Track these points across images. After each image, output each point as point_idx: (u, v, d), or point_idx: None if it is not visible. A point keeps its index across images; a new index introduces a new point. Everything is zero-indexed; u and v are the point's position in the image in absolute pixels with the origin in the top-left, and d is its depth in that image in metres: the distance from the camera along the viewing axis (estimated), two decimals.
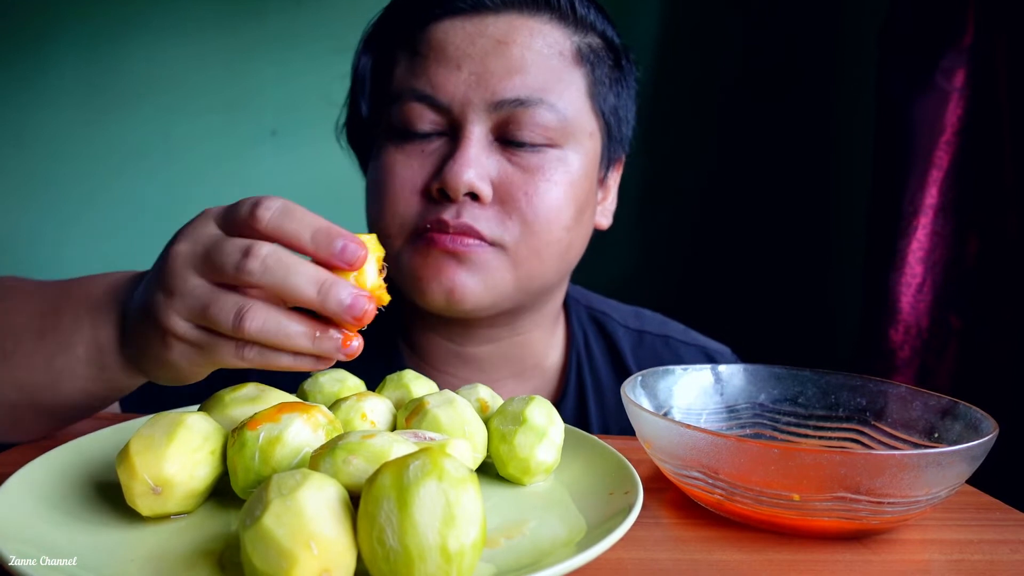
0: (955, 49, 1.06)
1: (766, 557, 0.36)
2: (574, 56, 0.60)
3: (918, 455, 0.35)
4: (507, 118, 0.57)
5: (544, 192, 0.58)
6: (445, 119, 0.58)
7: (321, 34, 1.60)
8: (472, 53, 0.57)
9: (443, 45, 0.58)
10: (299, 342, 0.36)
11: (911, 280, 1.11)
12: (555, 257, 0.60)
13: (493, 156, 0.58)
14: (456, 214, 0.56)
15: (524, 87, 0.57)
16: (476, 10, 0.58)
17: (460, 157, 0.56)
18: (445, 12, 0.59)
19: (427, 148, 0.59)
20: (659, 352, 0.74)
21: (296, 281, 0.35)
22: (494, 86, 0.57)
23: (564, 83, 0.59)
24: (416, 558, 0.26)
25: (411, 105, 0.58)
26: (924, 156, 1.09)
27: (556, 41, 0.59)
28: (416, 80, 0.58)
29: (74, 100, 1.58)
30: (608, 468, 0.41)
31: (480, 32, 0.58)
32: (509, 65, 0.57)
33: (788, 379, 0.51)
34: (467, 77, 0.57)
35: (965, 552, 0.37)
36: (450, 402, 0.41)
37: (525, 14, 0.59)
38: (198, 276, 0.36)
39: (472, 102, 0.57)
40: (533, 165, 0.58)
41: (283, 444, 0.33)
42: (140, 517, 0.34)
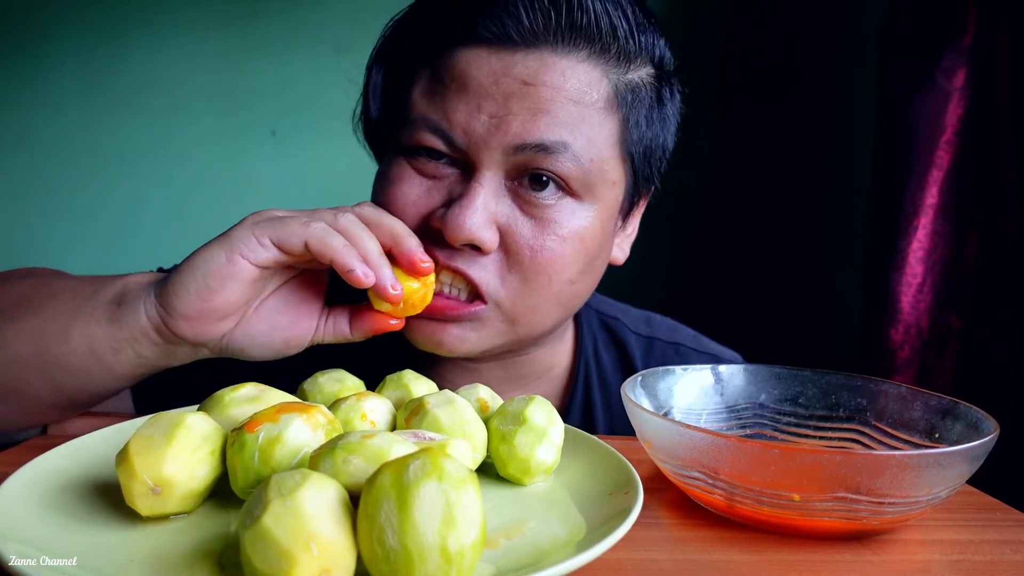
0: (955, 49, 1.06)
1: (766, 557, 0.36)
2: (608, 99, 0.54)
3: (918, 455, 0.35)
4: (525, 163, 0.52)
5: (551, 248, 0.53)
6: (459, 155, 0.54)
7: (321, 34, 1.60)
8: (495, 94, 0.52)
9: (465, 79, 0.52)
10: (369, 245, 0.47)
11: (911, 280, 1.11)
12: (555, 308, 0.57)
13: (504, 200, 0.53)
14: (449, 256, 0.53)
15: (548, 132, 0.52)
16: (503, 43, 0.52)
17: (467, 205, 0.51)
18: (470, 39, 0.53)
19: (439, 172, 0.55)
20: (670, 359, 0.72)
21: (385, 223, 0.49)
22: (515, 130, 0.51)
23: (593, 130, 0.53)
24: (416, 558, 0.26)
25: (424, 135, 0.54)
26: (924, 156, 1.09)
27: (591, 83, 0.53)
28: (433, 111, 0.54)
29: (74, 101, 1.58)
30: (608, 468, 0.41)
31: (506, 70, 0.52)
32: (534, 107, 0.51)
33: (788, 379, 0.51)
34: (486, 120, 0.52)
35: (965, 552, 0.37)
36: (450, 402, 0.41)
37: (559, 50, 0.52)
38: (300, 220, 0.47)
39: (489, 146, 0.52)
40: (545, 217, 0.53)
41: (283, 444, 0.33)
42: (140, 517, 0.34)
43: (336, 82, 1.66)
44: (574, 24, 0.52)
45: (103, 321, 0.47)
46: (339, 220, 0.47)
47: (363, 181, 0.79)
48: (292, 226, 0.45)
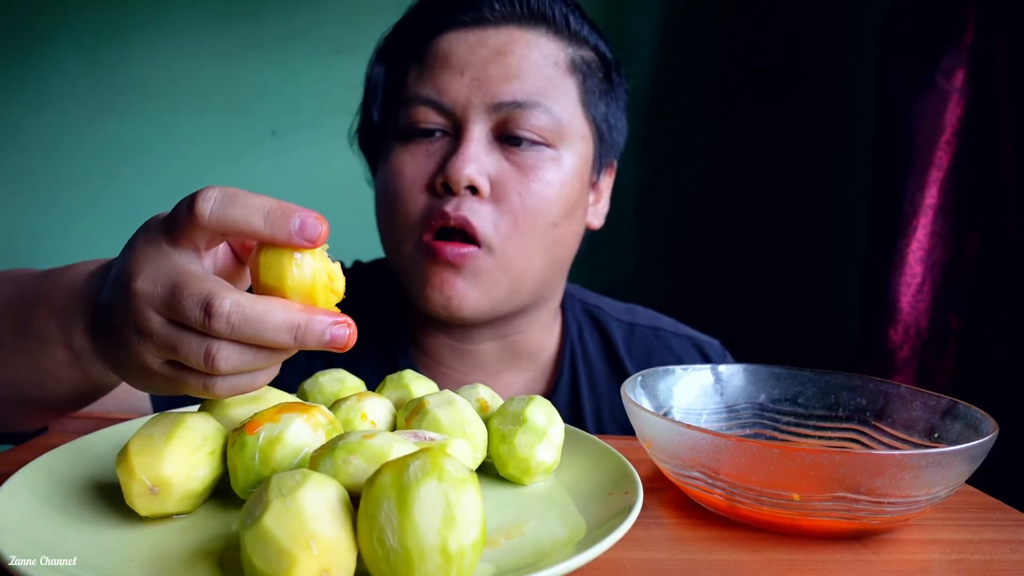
0: (955, 49, 1.06)
1: (766, 557, 0.36)
2: (567, 66, 0.65)
3: (918, 455, 0.35)
4: (505, 119, 0.62)
5: (536, 191, 0.62)
6: (448, 120, 0.63)
7: (321, 34, 1.60)
8: (473, 61, 0.62)
9: (447, 54, 0.63)
10: (275, 361, 0.35)
11: (911, 280, 1.11)
12: (542, 252, 0.64)
13: (492, 154, 0.62)
14: (456, 206, 0.60)
15: (521, 91, 0.62)
16: (478, 23, 0.63)
17: (462, 154, 0.60)
18: (450, 25, 0.63)
19: (431, 147, 0.63)
20: (650, 342, 0.77)
21: (268, 335, 0.33)
22: (493, 90, 0.61)
23: (558, 89, 0.64)
24: (416, 558, 0.26)
25: (417, 108, 0.63)
26: (924, 156, 1.09)
27: (551, 52, 0.64)
28: (422, 86, 0.63)
29: (74, 100, 1.58)
30: (608, 468, 0.41)
31: (481, 43, 0.63)
32: (508, 72, 0.62)
33: (788, 379, 0.51)
34: (468, 82, 0.62)
35: (965, 552, 0.37)
36: (450, 402, 0.41)
37: (523, 27, 0.64)
38: (161, 316, 0.34)
39: (473, 104, 0.61)
40: (528, 164, 0.62)
41: (283, 444, 0.33)
42: (140, 517, 0.34)
43: (336, 82, 1.67)
44: (533, 10, 0.64)
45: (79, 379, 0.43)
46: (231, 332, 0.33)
47: (362, 181, 0.80)
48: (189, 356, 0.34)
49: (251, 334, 0.32)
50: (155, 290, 0.34)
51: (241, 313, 0.32)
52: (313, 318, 0.33)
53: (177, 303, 0.33)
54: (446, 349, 0.70)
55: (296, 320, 0.33)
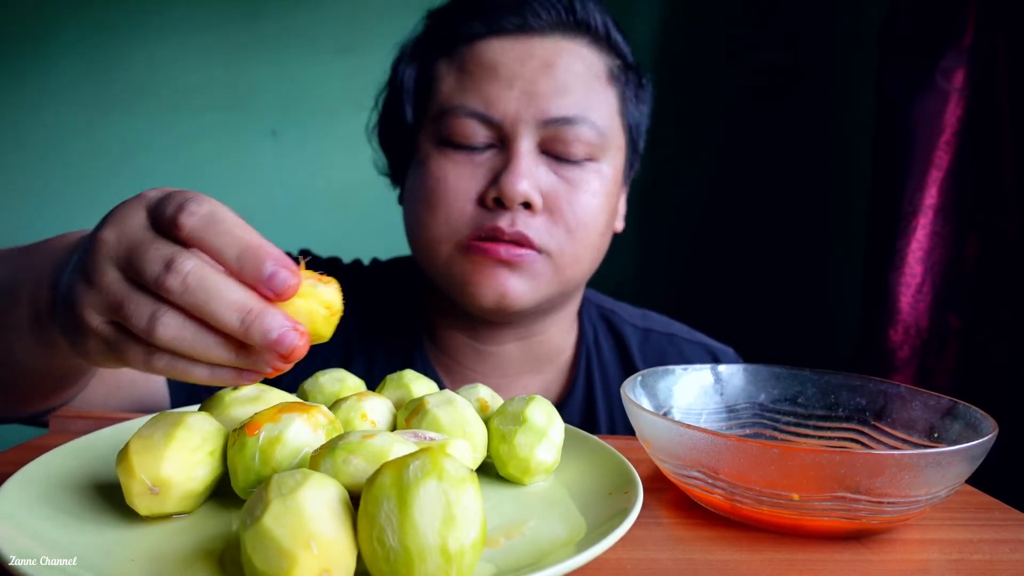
0: (955, 49, 1.06)
1: (766, 557, 0.36)
2: (607, 77, 0.65)
3: (918, 455, 0.35)
4: (553, 134, 0.62)
5: (585, 203, 0.63)
6: (496, 133, 0.62)
7: (321, 34, 1.60)
8: (522, 73, 0.61)
9: (494, 65, 0.61)
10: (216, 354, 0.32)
11: (911, 280, 1.11)
12: (590, 260, 0.66)
13: (541, 167, 0.62)
14: (511, 222, 0.60)
15: (570, 106, 0.61)
16: (522, 30, 0.62)
17: (515, 169, 0.60)
18: (492, 31, 0.62)
19: (477, 159, 0.62)
20: (664, 349, 0.77)
21: (216, 307, 0.31)
22: (543, 105, 0.61)
23: (601, 101, 0.64)
24: (416, 558, 0.26)
25: (464, 121, 0.61)
26: (924, 156, 1.09)
27: (593, 63, 0.64)
28: (468, 97, 0.62)
29: (74, 99, 1.58)
30: (608, 468, 0.41)
31: (528, 54, 0.62)
32: (556, 86, 0.61)
33: (788, 379, 0.51)
34: (518, 95, 0.61)
35: (965, 552, 0.37)
36: (450, 402, 0.41)
37: (567, 36, 0.63)
38: (117, 270, 0.33)
39: (523, 119, 0.61)
40: (576, 178, 0.63)
41: (283, 444, 0.33)
42: (140, 517, 0.34)
43: (336, 82, 1.67)
44: (578, 19, 0.63)
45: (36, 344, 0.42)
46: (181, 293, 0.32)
47: (362, 180, 0.80)
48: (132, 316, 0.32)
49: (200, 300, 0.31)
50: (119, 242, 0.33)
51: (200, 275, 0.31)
52: (268, 310, 0.31)
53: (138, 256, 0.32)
54: (467, 349, 0.71)
55: (249, 305, 0.31)
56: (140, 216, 0.34)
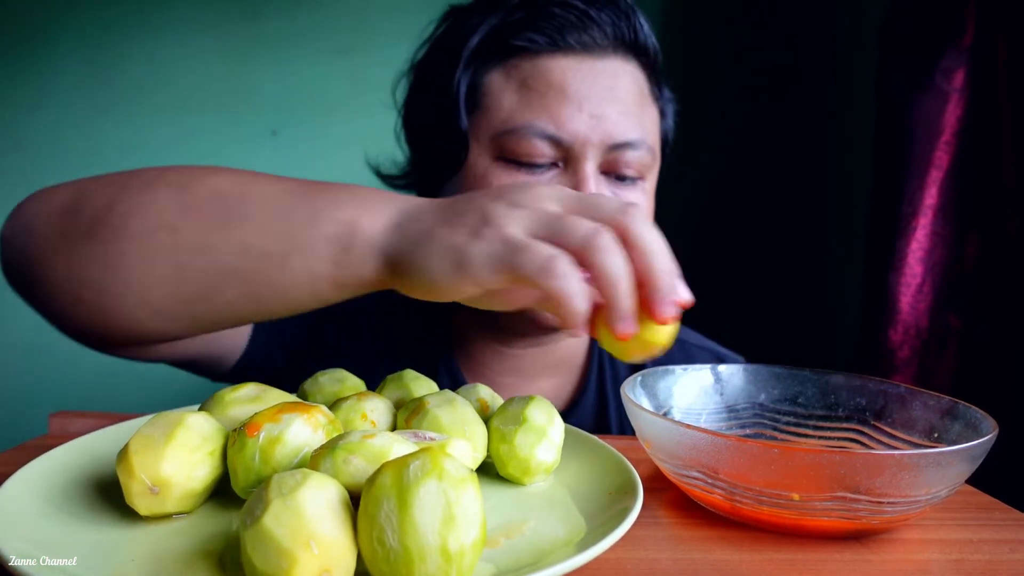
0: (955, 49, 1.06)
1: (766, 557, 0.36)
2: (652, 96, 0.66)
3: (918, 455, 0.35)
4: (615, 157, 0.62)
5: None
6: (561, 153, 0.61)
7: (321, 34, 1.60)
8: (591, 95, 0.61)
9: (563, 85, 0.61)
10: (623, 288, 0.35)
11: (911, 280, 1.11)
12: None
13: (600, 189, 0.63)
14: None
15: (632, 131, 0.62)
16: (585, 49, 0.61)
17: (586, 192, 0.59)
18: (556, 48, 0.61)
19: (540, 178, 0.62)
20: (673, 354, 0.77)
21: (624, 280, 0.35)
22: (610, 129, 0.61)
23: (651, 121, 0.65)
24: (416, 558, 0.26)
25: (533, 141, 0.60)
26: (924, 156, 1.09)
27: (643, 84, 0.65)
28: (537, 116, 0.61)
29: (74, 99, 1.58)
30: (608, 468, 0.41)
31: (594, 74, 0.61)
32: (622, 109, 0.62)
33: (788, 379, 0.51)
34: (587, 119, 0.60)
35: (965, 552, 0.37)
36: (450, 402, 0.41)
37: (624, 58, 0.63)
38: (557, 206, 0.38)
39: (591, 142, 0.60)
40: (631, 196, 0.64)
41: (283, 444, 0.33)
42: (140, 517, 0.34)
43: (336, 82, 1.67)
44: (639, 44, 0.64)
45: (327, 262, 0.42)
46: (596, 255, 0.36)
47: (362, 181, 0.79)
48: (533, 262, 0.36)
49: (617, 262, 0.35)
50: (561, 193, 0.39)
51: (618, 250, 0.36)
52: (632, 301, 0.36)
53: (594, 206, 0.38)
54: (490, 352, 0.72)
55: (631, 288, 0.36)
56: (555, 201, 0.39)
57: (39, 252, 0.46)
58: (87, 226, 0.44)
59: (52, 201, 0.48)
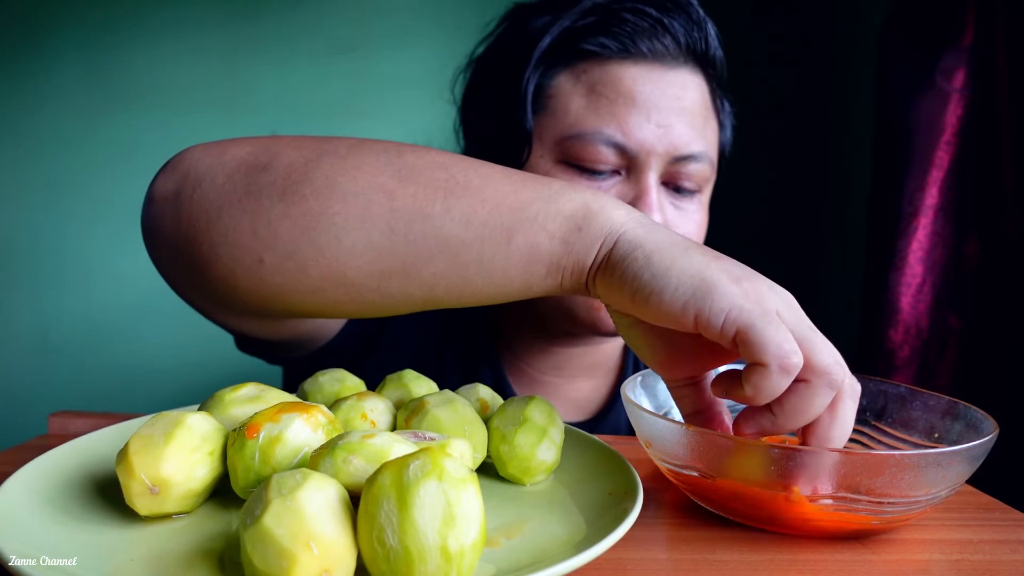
0: (955, 49, 1.06)
1: (766, 557, 0.36)
2: (714, 108, 0.66)
3: (918, 455, 0.35)
4: (677, 169, 0.62)
5: (693, 233, 0.65)
6: (625, 162, 0.61)
7: (321, 34, 1.60)
8: (660, 105, 0.60)
9: (632, 93, 0.60)
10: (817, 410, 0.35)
11: (911, 280, 1.11)
12: None
13: (663, 198, 0.63)
14: None
15: (696, 143, 0.62)
16: (656, 57, 0.61)
17: (649, 202, 0.61)
18: (627, 55, 0.61)
19: (603, 185, 0.62)
20: None
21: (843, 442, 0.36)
22: (676, 141, 0.61)
23: (711, 134, 0.65)
24: (416, 558, 0.26)
25: (599, 147, 0.60)
26: (924, 156, 1.09)
27: (707, 96, 0.65)
28: (605, 124, 0.60)
29: (73, 99, 1.58)
30: (608, 468, 0.41)
31: (664, 84, 0.61)
32: (688, 121, 0.61)
33: None
34: (655, 128, 0.60)
35: (965, 552, 0.37)
36: (450, 402, 0.41)
37: (693, 69, 0.63)
38: None
39: (656, 152, 0.60)
40: (689, 209, 0.65)
41: (283, 444, 0.33)
42: (140, 517, 0.34)
43: (336, 82, 1.67)
44: (710, 57, 0.64)
45: (557, 240, 0.39)
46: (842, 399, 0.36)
47: None
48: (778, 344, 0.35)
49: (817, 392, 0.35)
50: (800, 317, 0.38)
51: None
52: None
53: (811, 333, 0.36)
54: (535, 349, 0.72)
55: None
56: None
57: (216, 209, 0.41)
58: (282, 183, 0.40)
59: (227, 156, 0.43)
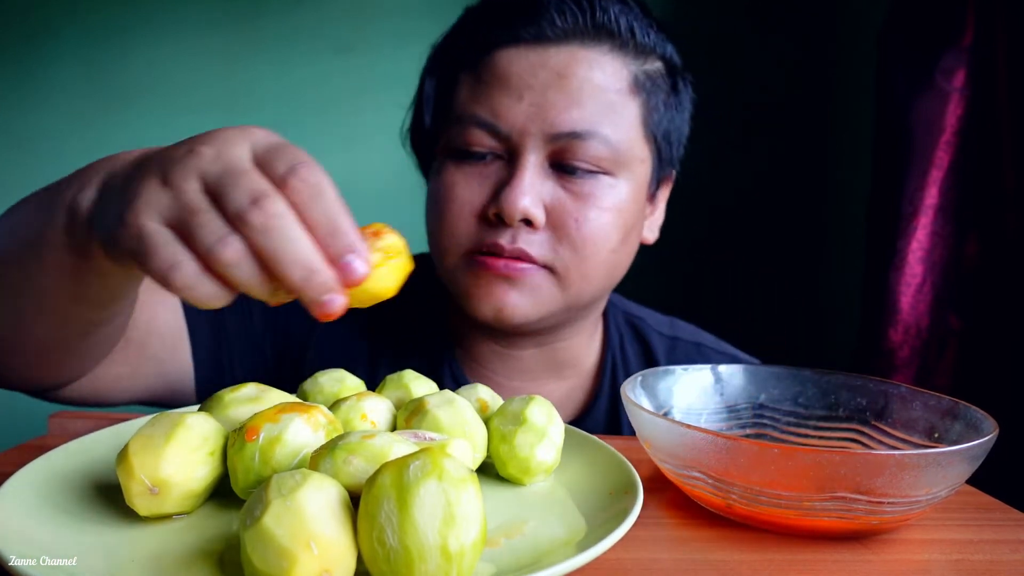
0: (955, 49, 1.06)
1: (766, 557, 0.36)
2: (631, 86, 0.62)
3: (918, 455, 0.35)
4: (562, 148, 0.59)
5: (594, 219, 0.60)
6: (503, 145, 0.60)
7: (321, 34, 1.60)
8: (533, 84, 0.59)
9: (506, 74, 0.60)
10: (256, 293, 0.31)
11: (911, 280, 1.11)
12: (602, 277, 0.63)
13: (548, 182, 0.60)
14: (511, 239, 0.59)
15: (580, 121, 0.59)
16: (538, 40, 0.60)
17: (517, 185, 0.58)
18: (509, 40, 0.60)
19: (485, 171, 0.61)
20: (692, 358, 0.76)
21: (286, 257, 0.31)
22: (552, 119, 0.58)
23: (619, 115, 0.61)
24: (416, 558, 0.26)
25: (472, 130, 0.60)
26: (924, 156, 1.09)
27: (614, 72, 0.61)
28: (478, 106, 0.60)
29: (73, 99, 1.58)
30: (608, 468, 0.41)
31: (542, 63, 0.59)
32: (568, 99, 0.59)
33: (788, 379, 0.51)
34: (527, 108, 0.59)
35: (965, 552, 0.37)
36: (450, 402, 0.41)
37: (586, 45, 0.60)
38: (200, 183, 0.32)
39: (530, 132, 0.59)
40: (584, 192, 0.60)
41: (283, 444, 0.33)
42: (140, 517, 0.34)
43: (336, 82, 1.67)
44: (598, 23, 0.60)
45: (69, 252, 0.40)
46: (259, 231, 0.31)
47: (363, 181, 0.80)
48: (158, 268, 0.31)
49: (273, 245, 0.31)
50: (215, 160, 0.32)
51: (283, 223, 0.31)
52: (328, 274, 0.31)
53: (232, 181, 0.31)
54: (491, 353, 0.70)
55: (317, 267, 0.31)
56: (244, 149, 0.33)
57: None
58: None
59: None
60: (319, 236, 0.32)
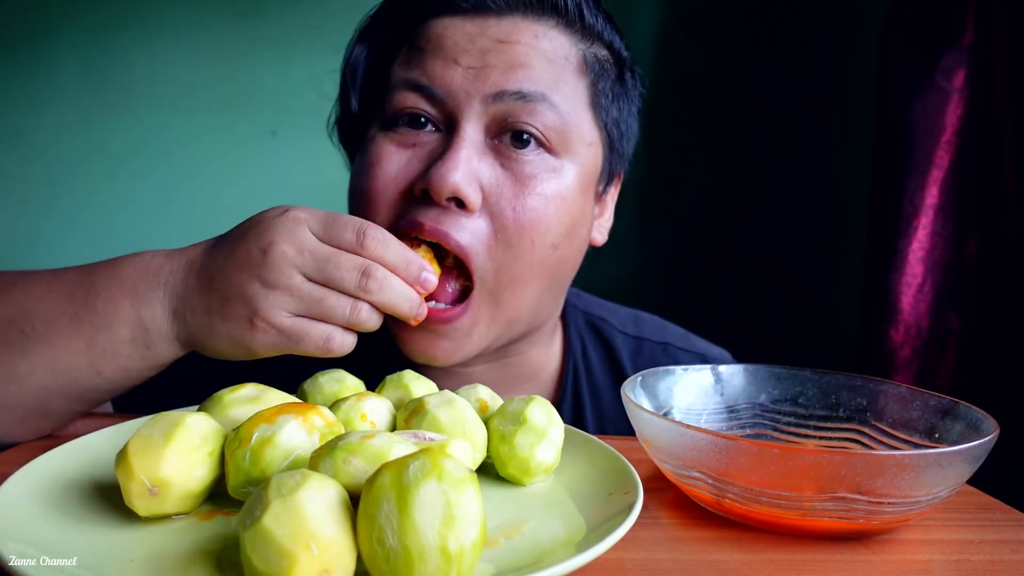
0: (955, 49, 1.06)
1: (766, 557, 0.36)
2: (578, 64, 0.57)
3: (918, 455, 0.35)
4: (505, 113, 0.54)
5: (533, 208, 0.54)
6: (440, 112, 0.55)
7: (321, 33, 1.60)
8: (471, 49, 0.54)
9: (441, 40, 0.55)
10: (373, 326, 0.47)
11: (911, 280, 1.11)
12: (540, 277, 0.57)
13: (486, 159, 0.54)
14: (435, 219, 0.52)
15: (527, 80, 0.54)
16: (478, 11, 0.55)
17: (449, 158, 0.52)
18: (445, 10, 0.56)
19: (418, 140, 0.55)
20: (658, 359, 0.72)
21: (399, 300, 0.47)
22: (494, 79, 0.53)
23: (567, 86, 0.56)
24: (416, 558, 0.26)
25: (405, 94, 0.55)
26: (924, 156, 1.09)
27: (561, 46, 0.56)
28: (412, 71, 0.55)
29: (73, 99, 1.58)
30: (608, 468, 0.41)
31: (481, 32, 0.55)
32: (511, 60, 0.54)
33: (788, 379, 0.51)
34: (464, 71, 0.54)
35: (965, 552, 0.37)
36: (450, 402, 0.41)
37: (530, 18, 0.56)
38: (302, 275, 0.45)
39: (469, 95, 0.53)
40: (526, 173, 0.54)
41: (274, 446, 0.33)
42: (140, 517, 0.34)
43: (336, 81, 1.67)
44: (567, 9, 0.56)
45: (136, 359, 0.48)
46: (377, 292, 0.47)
47: None
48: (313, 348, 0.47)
49: (389, 297, 0.47)
50: (302, 254, 0.45)
51: (386, 280, 0.46)
52: (417, 295, 0.49)
53: (331, 268, 0.45)
54: (440, 372, 0.63)
55: (411, 294, 0.48)
56: (307, 234, 0.45)
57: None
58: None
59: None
60: (401, 272, 0.47)
